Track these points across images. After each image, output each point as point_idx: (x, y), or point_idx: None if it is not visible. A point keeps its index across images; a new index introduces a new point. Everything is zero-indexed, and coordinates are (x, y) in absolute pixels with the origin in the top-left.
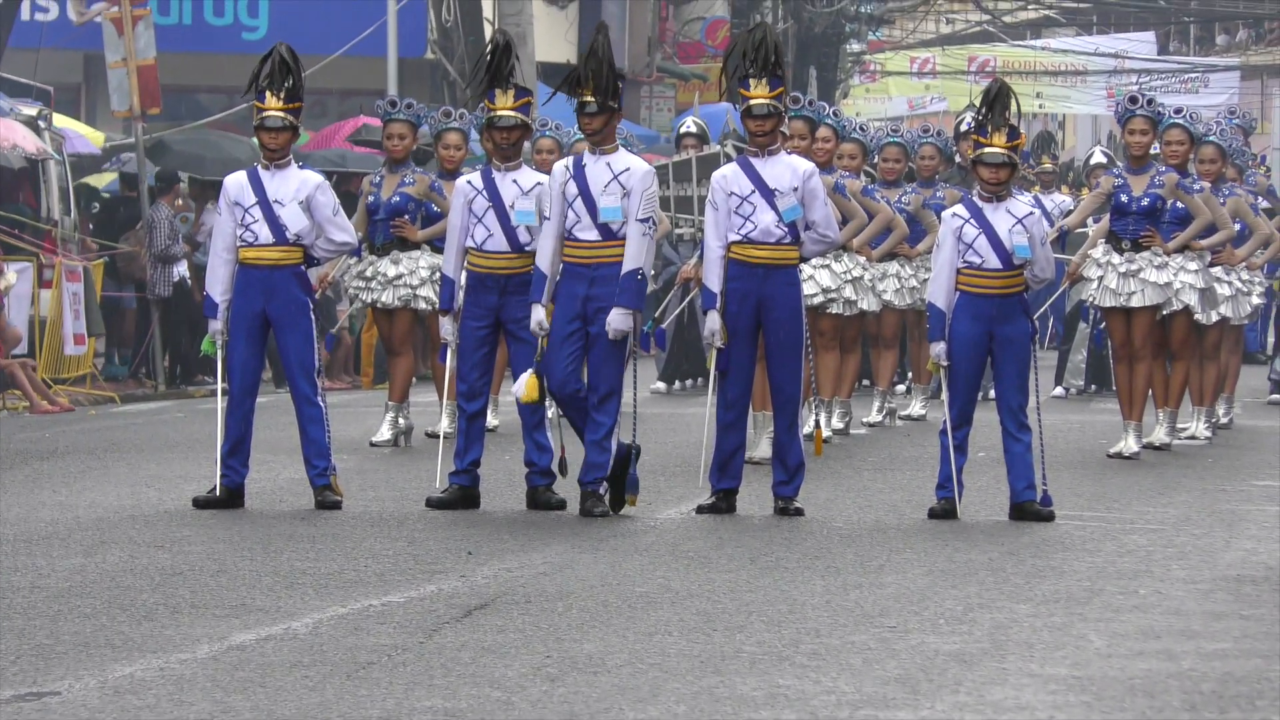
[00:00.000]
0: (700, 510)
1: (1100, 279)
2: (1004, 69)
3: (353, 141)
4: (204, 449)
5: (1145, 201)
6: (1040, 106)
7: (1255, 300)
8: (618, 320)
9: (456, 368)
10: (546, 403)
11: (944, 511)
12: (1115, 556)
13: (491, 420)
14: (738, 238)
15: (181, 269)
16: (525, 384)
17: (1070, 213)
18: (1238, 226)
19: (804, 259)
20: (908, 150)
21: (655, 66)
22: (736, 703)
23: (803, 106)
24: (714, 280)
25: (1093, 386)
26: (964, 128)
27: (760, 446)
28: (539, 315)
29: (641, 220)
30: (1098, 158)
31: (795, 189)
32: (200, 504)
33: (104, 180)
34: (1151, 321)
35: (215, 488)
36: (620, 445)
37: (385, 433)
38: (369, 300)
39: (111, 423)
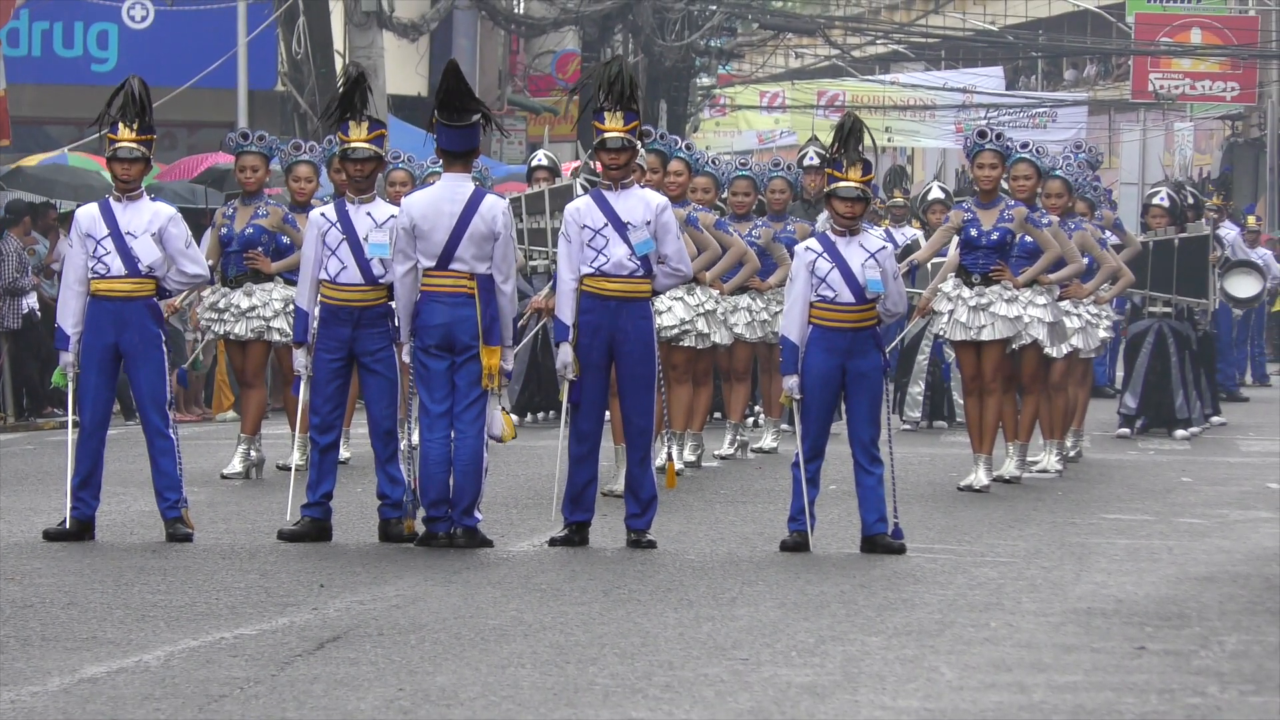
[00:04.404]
0: (553, 543)
1: (951, 313)
2: (853, 103)
3: (200, 182)
4: (54, 481)
5: (995, 236)
6: (889, 140)
7: (1103, 333)
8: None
9: (309, 400)
10: (400, 436)
11: (796, 544)
12: (966, 589)
13: (344, 453)
14: (590, 270)
15: (30, 301)
16: (503, 423)
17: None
18: (1086, 260)
19: (656, 293)
20: (757, 184)
21: (506, 100)
22: None
23: (654, 140)
24: (566, 313)
25: (927, 421)
26: (806, 161)
27: (619, 479)
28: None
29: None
30: (935, 193)
31: (648, 222)
32: (51, 536)
33: None
34: (1001, 355)
35: (65, 520)
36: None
37: (237, 465)
38: (221, 332)
39: None
